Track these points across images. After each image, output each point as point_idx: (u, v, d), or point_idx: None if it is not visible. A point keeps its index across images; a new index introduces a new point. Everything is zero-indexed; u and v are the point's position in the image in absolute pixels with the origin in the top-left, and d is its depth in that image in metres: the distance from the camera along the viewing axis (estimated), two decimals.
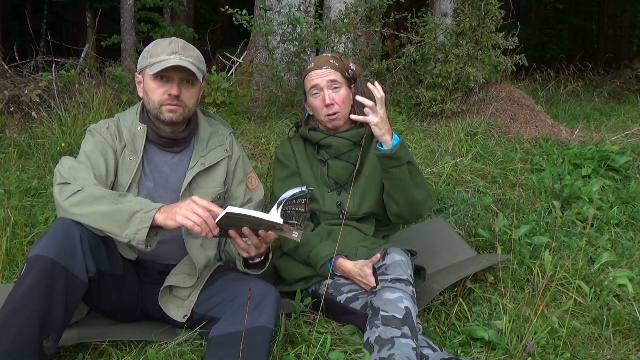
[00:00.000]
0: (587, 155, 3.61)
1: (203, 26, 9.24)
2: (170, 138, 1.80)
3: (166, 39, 1.75)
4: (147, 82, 1.75)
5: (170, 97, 1.71)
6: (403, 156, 1.90)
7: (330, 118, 2.06)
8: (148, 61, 1.72)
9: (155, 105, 1.74)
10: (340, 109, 2.05)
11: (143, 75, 1.77)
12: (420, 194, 1.99)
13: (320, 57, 2.12)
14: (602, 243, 2.71)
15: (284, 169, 2.12)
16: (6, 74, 4.49)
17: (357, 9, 4.59)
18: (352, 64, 2.13)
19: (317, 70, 2.06)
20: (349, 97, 2.08)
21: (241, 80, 5.32)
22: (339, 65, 2.07)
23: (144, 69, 1.75)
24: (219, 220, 1.47)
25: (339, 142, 2.09)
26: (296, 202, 1.54)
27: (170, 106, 1.72)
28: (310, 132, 2.12)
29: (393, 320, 1.65)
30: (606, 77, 8.22)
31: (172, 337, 1.74)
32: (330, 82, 2.04)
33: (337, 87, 2.05)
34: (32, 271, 1.46)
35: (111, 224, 1.52)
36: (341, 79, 2.06)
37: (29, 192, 2.93)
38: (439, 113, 4.45)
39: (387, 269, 1.80)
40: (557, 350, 1.82)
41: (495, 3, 4.32)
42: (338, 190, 2.10)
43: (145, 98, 1.77)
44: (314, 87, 2.06)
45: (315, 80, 2.05)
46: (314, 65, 2.08)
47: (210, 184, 1.83)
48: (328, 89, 2.04)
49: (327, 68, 2.05)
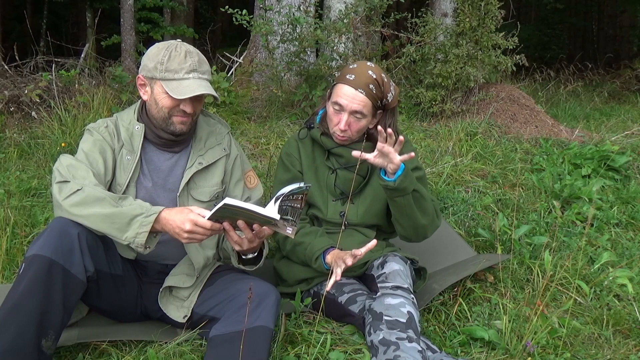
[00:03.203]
0: (587, 155, 3.62)
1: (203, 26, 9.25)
2: (169, 139, 1.79)
3: (180, 51, 1.67)
4: (158, 94, 1.70)
5: (182, 112, 1.70)
6: (407, 187, 1.82)
7: (340, 138, 1.98)
8: (163, 74, 1.66)
9: (164, 115, 1.71)
10: (352, 136, 1.97)
11: (152, 84, 1.71)
12: (426, 219, 1.93)
13: (363, 74, 1.90)
14: (602, 243, 2.71)
15: (287, 172, 2.07)
16: (6, 74, 4.49)
17: (357, 9, 4.59)
18: (391, 92, 1.96)
19: (350, 89, 1.89)
20: (368, 124, 1.97)
21: (241, 80, 5.33)
22: (375, 94, 1.90)
23: (155, 79, 1.69)
24: (215, 212, 1.47)
25: (350, 153, 1.94)
26: (293, 198, 1.54)
27: (182, 118, 1.71)
28: (322, 137, 2.03)
29: (397, 324, 1.64)
30: (606, 77, 8.23)
31: (172, 337, 1.74)
32: (354, 112, 1.91)
33: (359, 118, 1.93)
34: (30, 270, 1.46)
35: (111, 227, 1.53)
36: (369, 110, 1.92)
37: (29, 192, 2.93)
38: (439, 113, 4.45)
39: (387, 278, 1.79)
40: (557, 350, 1.83)
41: (495, 3, 4.32)
42: (343, 200, 2.04)
43: (154, 106, 1.72)
44: (337, 104, 1.92)
45: (342, 99, 1.90)
46: (353, 79, 1.90)
47: (208, 183, 1.83)
48: (349, 116, 1.92)
49: (361, 93, 1.88)
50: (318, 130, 2.04)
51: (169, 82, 1.66)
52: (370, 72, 1.91)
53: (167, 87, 1.65)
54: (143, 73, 1.73)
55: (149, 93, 1.73)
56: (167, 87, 1.65)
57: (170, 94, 1.65)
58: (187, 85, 1.65)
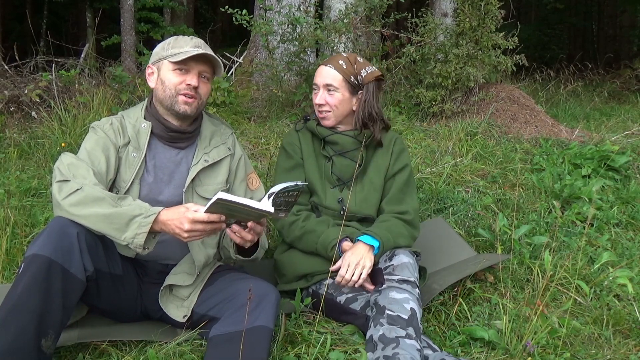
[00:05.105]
0: (587, 155, 3.62)
1: (203, 26, 9.26)
2: (177, 131, 1.80)
3: (187, 36, 1.80)
4: (165, 72, 1.76)
5: (188, 87, 1.74)
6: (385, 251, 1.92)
7: (321, 117, 2.11)
8: (169, 52, 1.75)
9: (171, 93, 1.75)
10: (332, 110, 2.08)
11: (159, 66, 1.79)
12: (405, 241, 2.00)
13: (337, 54, 2.14)
14: (602, 243, 2.71)
15: (289, 159, 2.13)
16: (6, 74, 4.49)
17: (357, 9, 4.59)
18: (365, 70, 2.09)
19: (323, 67, 2.10)
20: (346, 101, 2.08)
21: (241, 80, 5.33)
22: (345, 69, 2.06)
23: (162, 59, 1.77)
24: (210, 207, 1.47)
25: (345, 139, 2.11)
26: (287, 195, 1.55)
27: (187, 97, 1.75)
28: (318, 127, 2.14)
29: (398, 320, 1.65)
30: (606, 77, 8.23)
31: (172, 337, 1.74)
32: (326, 85, 2.07)
33: (331, 91, 2.07)
34: (29, 270, 1.46)
35: (110, 227, 1.53)
36: (341, 83, 2.06)
37: (29, 192, 2.93)
38: (439, 113, 4.45)
39: (394, 270, 1.80)
40: (557, 350, 1.83)
41: (495, 3, 4.32)
42: (340, 187, 2.11)
43: (160, 88, 1.78)
44: (314, 83, 2.12)
45: (316, 78, 2.11)
46: (326, 61, 2.12)
47: (213, 181, 1.84)
48: (323, 90, 2.08)
49: (330, 67, 2.07)
50: (314, 122, 2.15)
51: (175, 57, 1.74)
52: (344, 54, 2.14)
53: (172, 60, 1.73)
54: (151, 62, 1.82)
55: (155, 78, 1.81)
56: (172, 60, 1.73)
57: (173, 60, 1.72)
58: (191, 52, 1.73)
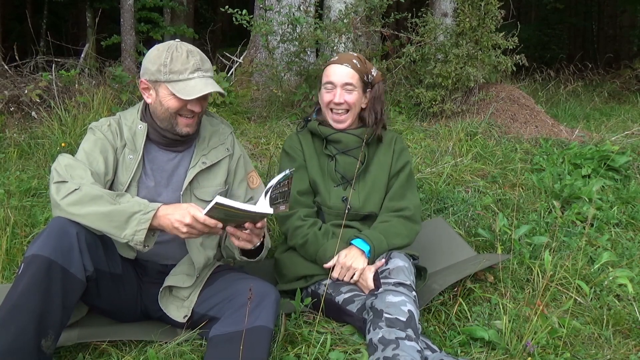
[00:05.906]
0: (587, 155, 3.62)
1: (203, 26, 9.26)
2: (174, 139, 1.79)
3: (182, 51, 1.67)
4: (164, 96, 1.69)
5: (189, 112, 1.71)
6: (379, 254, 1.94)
7: (338, 118, 2.10)
8: (168, 77, 1.65)
9: (171, 114, 1.71)
10: (350, 109, 2.09)
11: (156, 87, 1.70)
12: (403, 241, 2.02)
13: (345, 54, 2.14)
14: (602, 243, 2.71)
15: (291, 161, 2.13)
16: (6, 74, 4.49)
17: (357, 9, 4.59)
18: (374, 69, 2.15)
19: (337, 66, 2.09)
20: (360, 100, 2.12)
21: (241, 80, 5.33)
22: (360, 67, 2.09)
23: (159, 82, 1.68)
24: (209, 211, 1.47)
25: (348, 138, 2.12)
26: (280, 185, 1.56)
27: (188, 120, 1.72)
28: (320, 126, 2.14)
29: (397, 322, 1.65)
30: (606, 77, 8.23)
31: (172, 337, 1.74)
32: (345, 84, 2.07)
33: (350, 90, 2.08)
34: (29, 270, 1.46)
35: (109, 225, 1.52)
36: (358, 82, 2.09)
37: (29, 192, 2.93)
38: (439, 113, 4.45)
39: (390, 273, 1.81)
40: (557, 350, 1.82)
41: (495, 3, 4.32)
42: (344, 185, 2.11)
43: (159, 108, 1.72)
44: (329, 83, 2.10)
45: (331, 77, 2.09)
46: (337, 59, 2.12)
47: (212, 183, 1.83)
48: (341, 89, 2.07)
49: (347, 66, 2.08)
50: (315, 122, 2.16)
51: (175, 84, 1.66)
52: (351, 52, 2.19)
53: (173, 88, 1.65)
54: (145, 77, 1.72)
55: (153, 96, 1.73)
56: (173, 88, 1.65)
57: (178, 95, 1.65)
58: (193, 86, 1.65)
